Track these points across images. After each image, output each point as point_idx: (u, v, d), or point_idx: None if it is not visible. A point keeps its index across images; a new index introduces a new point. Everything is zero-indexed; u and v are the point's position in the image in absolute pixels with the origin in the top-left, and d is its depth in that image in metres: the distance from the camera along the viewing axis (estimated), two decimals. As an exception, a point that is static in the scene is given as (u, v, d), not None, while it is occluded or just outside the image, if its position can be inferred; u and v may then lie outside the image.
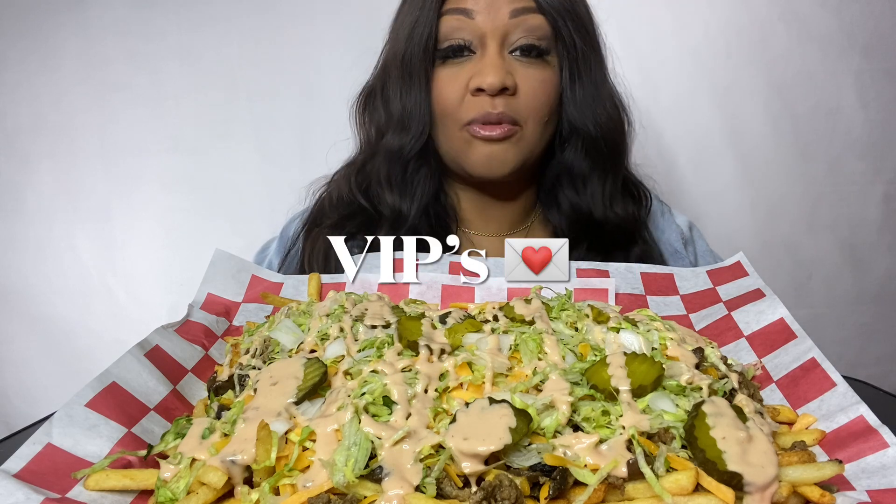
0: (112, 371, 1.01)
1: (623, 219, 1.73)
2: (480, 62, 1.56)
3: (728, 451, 0.80)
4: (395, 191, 1.70)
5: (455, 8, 1.56)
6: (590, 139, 1.67)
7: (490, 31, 1.54)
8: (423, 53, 1.59)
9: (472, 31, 1.55)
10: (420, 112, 1.63)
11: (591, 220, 1.72)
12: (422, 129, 1.65)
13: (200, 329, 1.27)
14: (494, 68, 1.52)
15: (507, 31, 1.55)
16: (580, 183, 1.73)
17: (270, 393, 0.94)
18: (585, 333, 1.12)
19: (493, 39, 1.55)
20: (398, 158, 1.68)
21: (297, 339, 1.15)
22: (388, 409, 0.90)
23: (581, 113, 1.65)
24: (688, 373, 0.98)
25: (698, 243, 1.95)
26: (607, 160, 1.71)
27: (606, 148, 1.69)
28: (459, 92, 1.58)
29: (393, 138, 1.68)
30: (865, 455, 0.85)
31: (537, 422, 0.86)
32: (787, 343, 1.13)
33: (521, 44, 1.56)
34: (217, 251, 1.48)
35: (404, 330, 1.10)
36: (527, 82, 1.57)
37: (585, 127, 1.66)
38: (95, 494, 0.83)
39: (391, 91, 1.67)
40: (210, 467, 0.83)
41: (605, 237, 1.72)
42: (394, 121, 1.68)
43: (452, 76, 1.59)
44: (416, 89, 1.62)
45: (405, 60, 1.62)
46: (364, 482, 0.79)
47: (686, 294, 1.44)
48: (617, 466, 0.80)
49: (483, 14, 1.54)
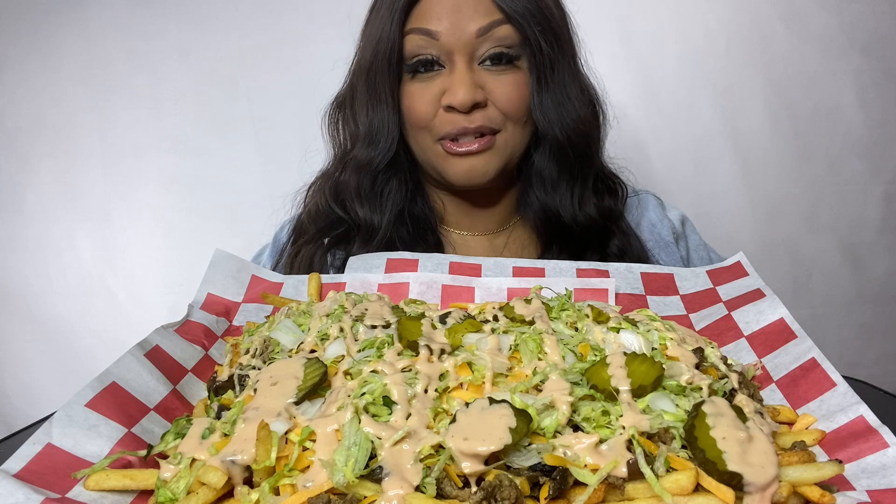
0: (112, 371, 1.01)
1: (593, 219, 1.73)
2: (450, 78, 1.55)
3: (728, 451, 0.80)
4: (364, 203, 1.70)
5: (419, 28, 1.55)
6: (557, 144, 1.66)
7: (457, 48, 1.53)
8: (388, 68, 1.58)
9: (439, 49, 1.55)
10: (388, 128, 1.64)
11: (560, 221, 1.72)
12: (389, 144, 1.65)
13: (200, 329, 1.27)
14: (464, 85, 1.52)
15: (474, 47, 1.54)
16: (549, 186, 1.73)
17: (270, 393, 0.93)
18: (585, 333, 1.12)
19: (461, 56, 1.54)
20: (367, 171, 1.68)
21: (297, 339, 1.15)
22: (388, 409, 0.90)
23: (548, 119, 1.64)
24: (688, 373, 0.98)
25: (691, 238, 1.95)
26: (575, 165, 1.70)
27: (574, 153, 1.68)
28: (431, 107, 1.58)
29: (361, 151, 1.68)
30: (865, 455, 0.85)
31: (537, 422, 0.86)
32: (787, 343, 1.13)
33: (489, 54, 1.55)
34: (217, 251, 1.48)
35: (404, 330, 1.10)
36: (499, 88, 1.57)
37: (553, 132, 1.65)
38: (95, 494, 0.83)
39: (358, 105, 1.68)
40: (210, 467, 0.83)
41: (574, 239, 1.73)
42: (361, 134, 1.68)
43: (422, 91, 1.59)
44: (382, 105, 1.62)
45: (370, 75, 1.62)
46: (364, 482, 0.79)
47: (686, 294, 1.44)
48: (617, 466, 0.80)
49: (448, 33, 1.52)
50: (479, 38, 1.53)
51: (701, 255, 1.91)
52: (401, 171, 1.71)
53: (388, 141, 1.65)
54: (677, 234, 1.90)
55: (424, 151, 1.67)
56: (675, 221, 1.92)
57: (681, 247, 1.89)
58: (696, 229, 1.99)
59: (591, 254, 1.72)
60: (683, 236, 1.93)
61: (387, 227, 1.69)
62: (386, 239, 1.68)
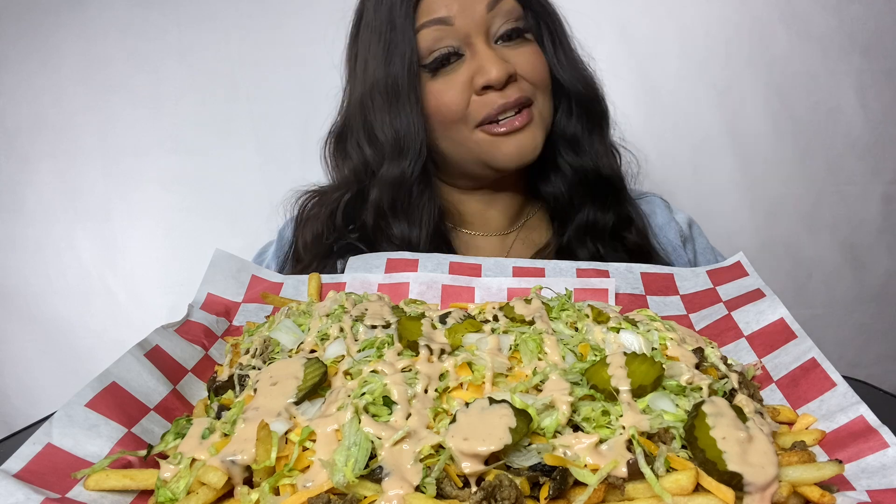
0: (112, 371, 1.01)
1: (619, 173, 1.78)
2: (475, 61, 1.55)
3: (728, 451, 0.80)
4: (401, 219, 1.66)
5: (431, 20, 1.55)
6: (580, 98, 1.70)
7: (473, 30, 1.55)
8: (409, 73, 1.56)
9: (455, 36, 1.55)
10: (415, 130, 1.60)
11: (597, 176, 1.74)
12: (419, 147, 1.62)
13: (200, 329, 1.27)
14: (494, 62, 1.53)
15: (487, 25, 1.56)
16: (578, 144, 1.74)
17: (270, 393, 0.93)
18: (585, 333, 1.12)
19: (479, 36, 1.56)
20: (401, 185, 1.64)
21: (297, 339, 1.15)
22: (388, 409, 0.90)
23: (569, 74, 1.68)
24: (688, 373, 0.98)
25: (698, 241, 1.95)
26: (597, 114, 1.74)
27: (595, 106, 1.73)
28: (462, 95, 1.57)
29: (391, 167, 1.63)
30: (865, 455, 0.85)
31: (537, 422, 0.86)
32: (787, 343, 1.13)
33: (503, 31, 1.58)
34: (217, 251, 1.48)
35: (404, 330, 1.10)
36: (522, 60, 1.59)
37: (576, 87, 1.68)
38: (95, 494, 0.83)
39: (376, 122, 1.63)
40: (210, 467, 0.83)
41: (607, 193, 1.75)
42: (387, 150, 1.63)
43: (448, 84, 1.57)
44: (406, 110, 1.59)
45: (389, 86, 1.58)
46: (364, 482, 0.79)
47: (686, 294, 1.44)
48: (617, 466, 0.80)
49: (460, 16, 1.54)
50: (490, 13, 1.55)
51: (708, 259, 1.91)
52: (431, 183, 1.68)
53: (416, 145, 1.61)
54: (685, 236, 1.91)
55: (462, 145, 1.64)
56: (682, 224, 1.92)
57: (688, 250, 1.90)
58: (703, 232, 2.00)
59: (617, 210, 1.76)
60: (691, 239, 1.93)
61: (426, 240, 1.65)
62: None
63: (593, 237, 1.75)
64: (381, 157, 1.65)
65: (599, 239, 1.75)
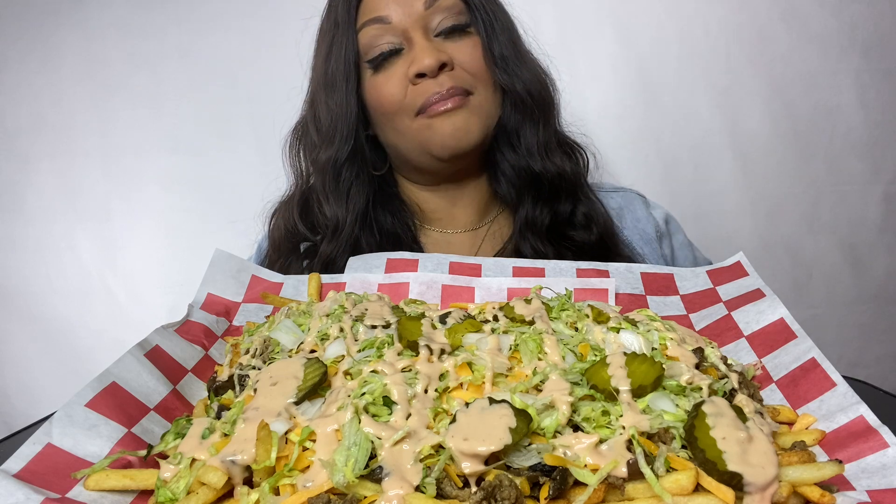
0: (112, 371, 1.01)
1: (561, 171, 1.76)
2: (411, 53, 1.60)
3: (728, 451, 0.80)
4: (330, 200, 1.74)
5: (370, 19, 1.62)
6: (516, 95, 1.71)
7: (410, 25, 1.60)
8: (345, 66, 1.64)
9: (394, 33, 1.61)
10: (346, 112, 1.68)
11: (531, 174, 1.75)
12: (347, 129, 1.69)
13: (200, 329, 1.27)
14: (427, 51, 1.58)
15: (426, 21, 1.61)
16: (515, 138, 1.76)
17: (270, 393, 0.94)
18: (585, 333, 1.12)
19: (417, 31, 1.60)
20: (332, 168, 1.72)
21: (297, 339, 1.15)
22: (388, 409, 0.90)
23: (507, 72, 1.69)
24: (688, 373, 0.98)
25: (676, 236, 1.97)
26: (535, 112, 1.74)
27: (533, 100, 1.73)
28: (400, 86, 1.62)
29: (323, 153, 1.72)
30: (865, 455, 0.85)
31: (537, 422, 0.86)
32: (787, 343, 1.13)
33: (443, 27, 1.62)
34: (217, 251, 1.48)
35: (404, 330, 1.10)
36: (460, 53, 1.63)
37: (512, 85, 1.69)
38: (95, 494, 0.83)
39: (320, 111, 1.72)
40: (210, 467, 0.83)
41: (547, 190, 1.76)
42: (322, 135, 1.72)
43: (387, 77, 1.63)
44: (339, 94, 1.67)
45: (328, 78, 1.67)
46: (364, 482, 0.79)
47: (686, 294, 1.44)
48: (617, 466, 0.80)
49: (397, 15, 1.60)
50: (428, 10, 1.60)
51: (686, 254, 1.94)
52: (365, 167, 1.75)
53: (345, 126, 1.69)
54: (661, 232, 1.92)
55: (404, 134, 1.69)
56: (658, 220, 1.94)
57: (664, 245, 1.91)
58: (682, 228, 2.01)
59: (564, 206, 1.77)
60: (667, 234, 1.95)
61: (352, 223, 1.72)
62: (353, 238, 1.72)
63: (533, 234, 1.76)
64: (318, 148, 1.75)
65: (537, 236, 1.76)
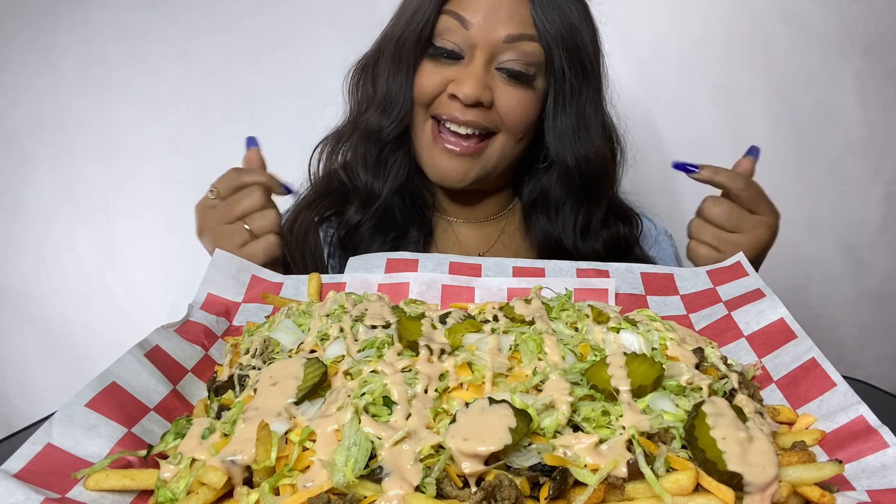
0: (112, 371, 1.01)
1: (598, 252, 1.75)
2: (464, 70, 1.57)
3: (728, 451, 0.80)
4: (369, 170, 1.72)
5: (455, 12, 1.56)
6: (566, 169, 1.68)
7: (481, 45, 1.55)
8: (416, 42, 1.59)
9: (465, 39, 1.56)
10: (403, 97, 1.65)
11: (561, 247, 1.74)
12: (402, 115, 1.66)
13: (200, 329, 1.27)
14: (475, 80, 1.54)
15: (497, 51, 1.56)
16: (553, 210, 1.74)
17: (270, 393, 0.93)
18: (585, 333, 1.12)
19: (482, 54, 1.55)
20: (376, 139, 1.69)
21: (297, 340, 1.14)
22: (388, 409, 0.90)
23: (561, 142, 1.66)
24: (688, 373, 0.98)
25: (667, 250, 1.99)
26: (581, 192, 1.71)
27: (582, 181, 1.69)
28: (437, 88, 1.60)
29: (374, 116, 1.69)
30: (865, 455, 0.85)
31: (537, 422, 0.86)
32: (787, 343, 1.13)
33: (508, 67, 1.57)
34: (217, 251, 1.48)
35: (404, 330, 1.09)
36: (505, 98, 1.59)
37: (563, 157, 1.67)
38: (95, 494, 0.83)
39: (381, 69, 1.69)
40: (210, 467, 0.83)
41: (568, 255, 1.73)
42: (378, 99, 1.69)
43: (435, 71, 1.60)
44: (402, 74, 1.63)
45: (399, 43, 1.62)
46: (364, 482, 0.79)
47: (686, 294, 1.44)
48: (617, 466, 0.80)
49: (478, 29, 1.54)
50: (506, 44, 1.54)
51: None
52: (406, 147, 1.73)
53: (401, 111, 1.66)
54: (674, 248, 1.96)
55: (417, 129, 1.69)
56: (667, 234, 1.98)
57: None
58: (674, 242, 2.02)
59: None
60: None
61: (387, 195, 1.71)
62: (384, 207, 1.70)
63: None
64: (371, 102, 1.71)
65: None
